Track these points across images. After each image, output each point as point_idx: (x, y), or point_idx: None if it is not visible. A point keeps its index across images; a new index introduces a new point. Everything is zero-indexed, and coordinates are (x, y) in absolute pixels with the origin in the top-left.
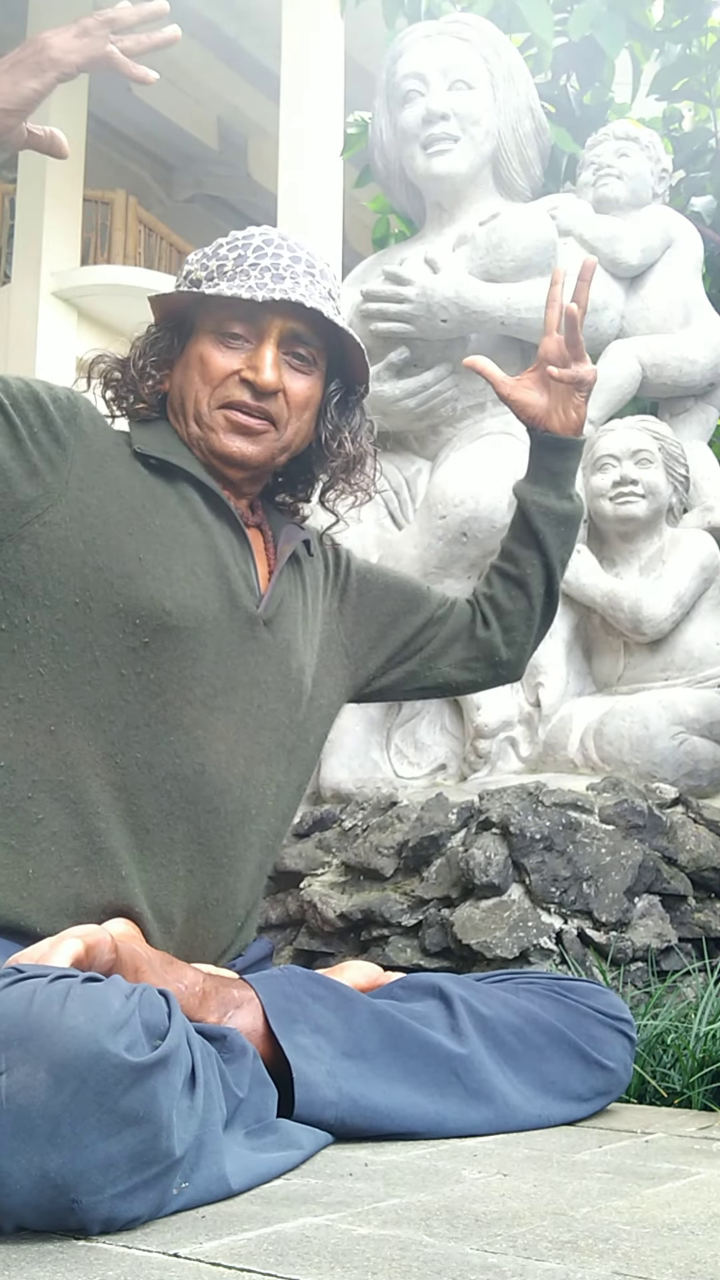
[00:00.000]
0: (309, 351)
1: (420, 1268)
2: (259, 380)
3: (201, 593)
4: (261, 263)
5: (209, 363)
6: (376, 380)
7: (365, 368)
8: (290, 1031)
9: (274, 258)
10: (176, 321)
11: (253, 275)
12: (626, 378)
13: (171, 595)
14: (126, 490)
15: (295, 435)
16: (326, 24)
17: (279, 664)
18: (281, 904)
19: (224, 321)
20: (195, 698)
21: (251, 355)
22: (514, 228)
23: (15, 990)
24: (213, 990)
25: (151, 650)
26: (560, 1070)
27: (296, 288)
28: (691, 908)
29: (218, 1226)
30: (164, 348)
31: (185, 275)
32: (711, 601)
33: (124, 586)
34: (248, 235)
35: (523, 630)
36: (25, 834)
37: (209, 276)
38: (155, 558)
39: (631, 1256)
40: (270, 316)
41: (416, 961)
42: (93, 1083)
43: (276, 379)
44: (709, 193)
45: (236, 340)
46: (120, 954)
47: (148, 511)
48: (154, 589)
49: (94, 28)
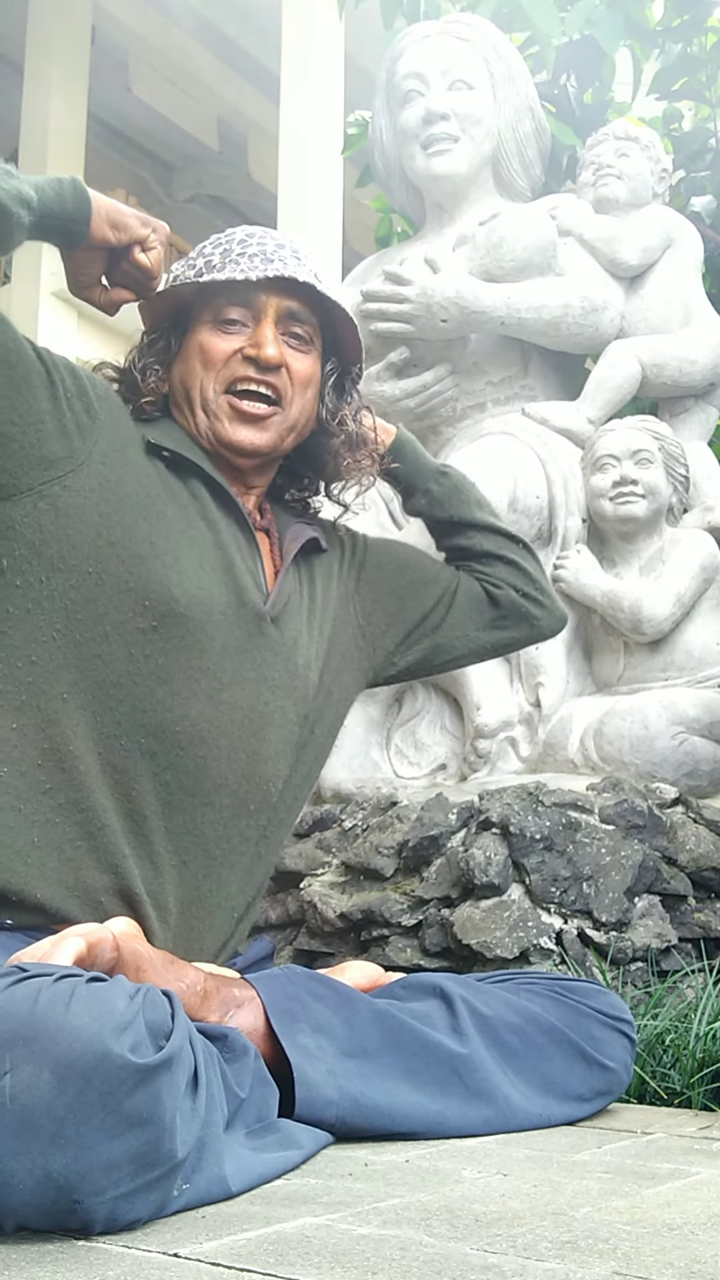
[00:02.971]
0: (305, 330)
1: (420, 1268)
2: (262, 355)
3: (208, 585)
4: (249, 250)
5: (209, 348)
6: (377, 380)
7: (359, 346)
8: (291, 1031)
9: (259, 244)
10: (171, 322)
11: (242, 262)
12: (626, 378)
13: (179, 583)
14: (144, 476)
15: (300, 414)
16: (326, 24)
17: (286, 660)
18: (281, 904)
19: (220, 309)
20: (201, 690)
21: (252, 334)
22: (514, 228)
23: (20, 990)
24: (214, 989)
25: (160, 635)
26: (561, 1070)
27: (286, 267)
28: (691, 908)
29: (218, 1226)
30: (161, 348)
31: (172, 279)
32: (711, 601)
33: (135, 566)
34: (229, 233)
35: (524, 579)
36: (33, 801)
37: (197, 274)
38: (165, 544)
39: (631, 1256)
40: (265, 296)
41: (416, 961)
42: (97, 1084)
43: (278, 353)
44: (709, 193)
45: (234, 325)
46: (122, 953)
47: (161, 499)
48: (163, 574)
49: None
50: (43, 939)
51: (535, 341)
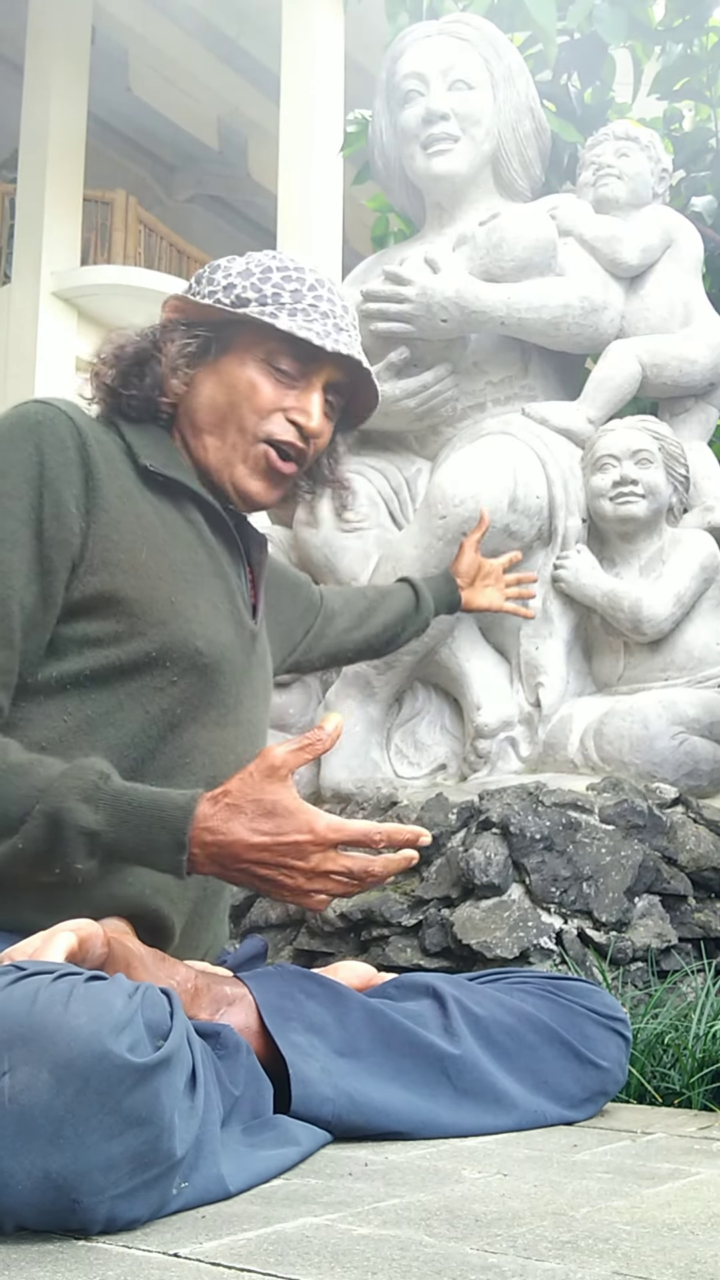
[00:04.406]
0: (337, 400)
1: (420, 1268)
2: (309, 426)
3: (221, 624)
4: (320, 306)
5: (259, 391)
6: (377, 380)
7: (369, 411)
8: (285, 1029)
9: (329, 303)
10: (214, 330)
11: (315, 318)
12: (626, 378)
13: (202, 634)
14: (148, 528)
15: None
16: (326, 24)
17: (265, 670)
18: (281, 904)
19: (276, 354)
20: (211, 719)
21: (300, 396)
22: (514, 228)
23: (18, 989)
24: (204, 987)
25: (179, 687)
26: (554, 1070)
27: (352, 343)
28: (691, 908)
29: (218, 1226)
30: (194, 353)
31: (225, 288)
32: (711, 601)
33: (157, 634)
34: (299, 269)
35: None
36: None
37: (262, 300)
38: (185, 598)
39: (631, 1256)
40: (325, 364)
41: (416, 961)
42: (96, 1083)
43: (323, 427)
44: (709, 193)
45: (284, 376)
46: (112, 949)
47: (170, 546)
48: (186, 630)
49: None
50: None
51: (535, 341)
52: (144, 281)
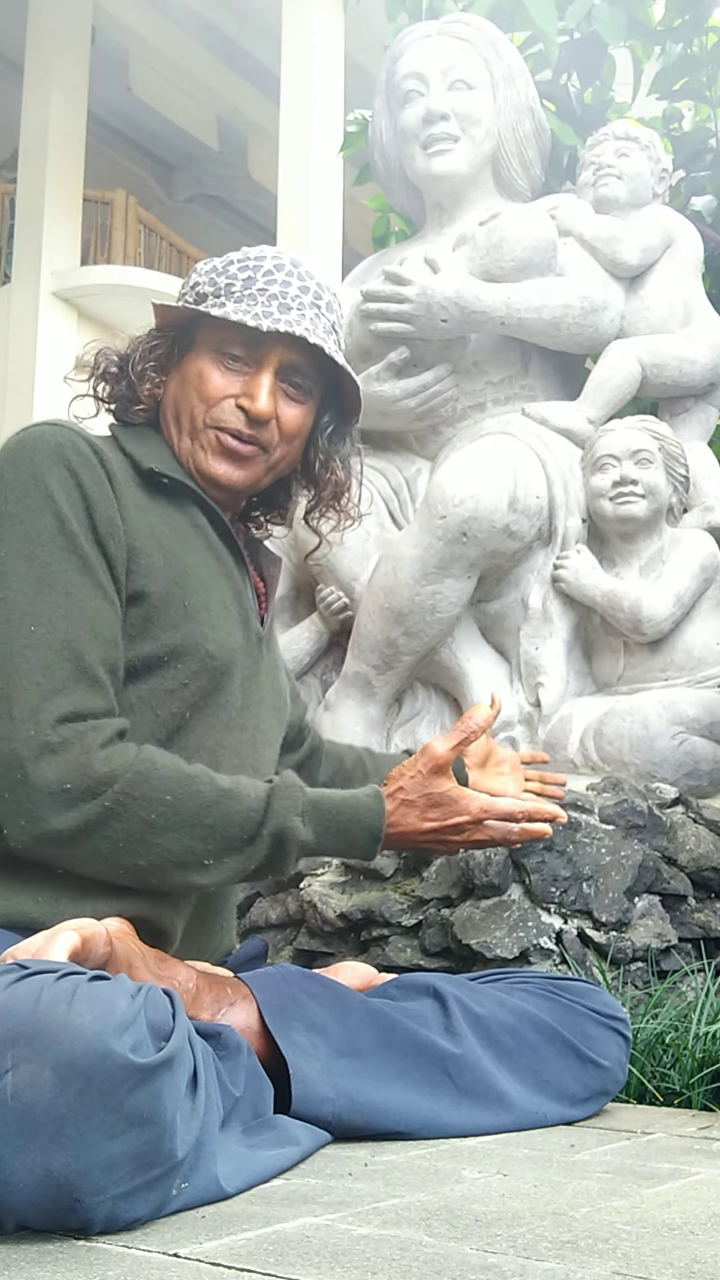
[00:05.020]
0: (305, 382)
1: (420, 1268)
2: (253, 409)
3: (231, 626)
4: (270, 289)
5: (207, 381)
6: (377, 380)
7: (359, 401)
8: (286, 1029)
9: (283, 285)
10: (178, 330)
11: (259, 301)
12: (626, 378)
13: (213, 636)
14: (161, 536)
15: (282, 460)
16: (326, 24)
17: (273, 680)
18: (281, 904)
19: (225, 342)
20: (219, 722)
21: (249, 381)
22: (514, 228)
23: (22, 988)
24: (206, 987)
25: (189, 690)
26: (555, 1069)
27: (301, 320)
28: (691, 908)
29: (218, 1226)
30: (162, 355)
31: (192, 286)
32: (711, 601)
33: (170, 638)
34: (260, 256)
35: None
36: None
37: (216, 293)
38: (198, 600)
39: (631, 1256)
40: (272, 345)
41: (416, 961)
42: (98, 1083)
43: (271, 408)
44: (709, 192)
45: (236, 362)
46: (115, 949)
47: (182, 552)
48: (198, 633)
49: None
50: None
51: (535, 341)
52: (144, 281)
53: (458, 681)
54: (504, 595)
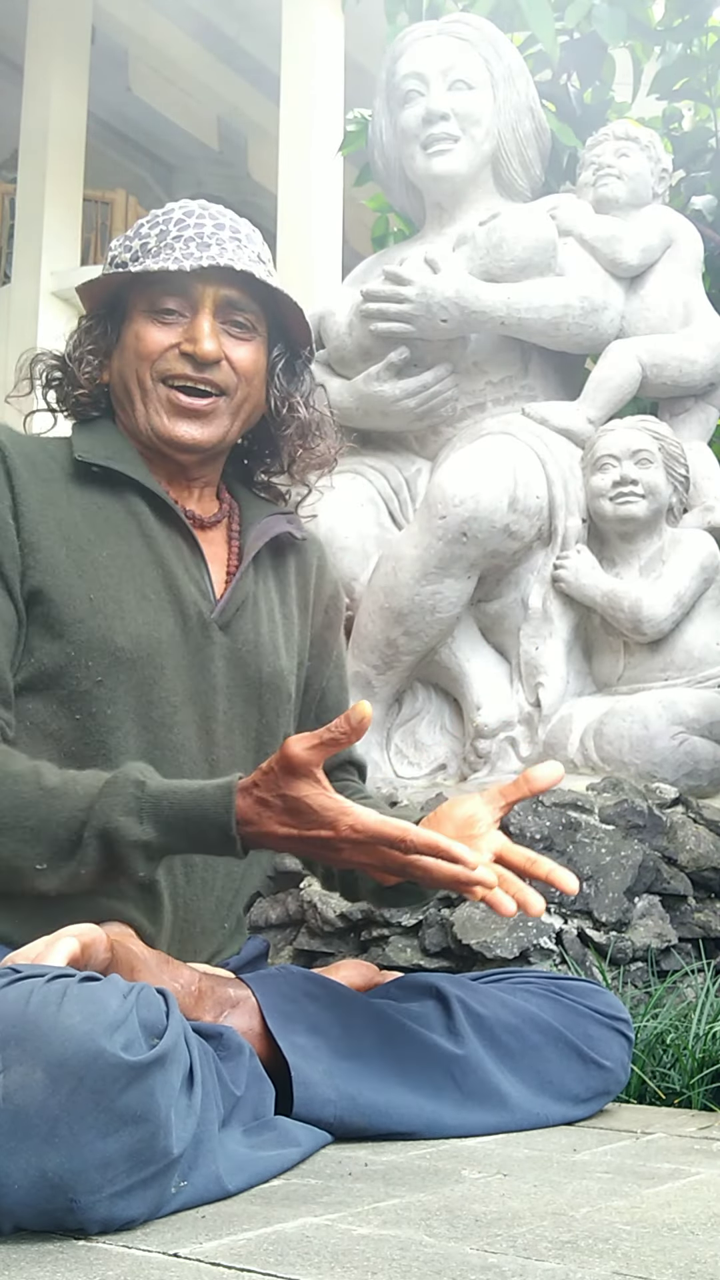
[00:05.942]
0: (246, 318)
1: (420, 1268)
2: (198, 350)
3: (154, 616)
4: (185, 234)
5: (145, 340)
6: (377, 380)
7: (306, 329)
8: (287, 1031)
9: (197, 227)
10: (108, 309)
11: (177, 247)
12: (626, 378)
13: (123, 629)
14: (70, 529)
15: (246, 403)
16: (326, 24)
17: (240, 667)
18: (281, 904)
19: (156, 299)
20: (154, 720)
21: (188, 327)
22: (514, 228)
23: (13, 990)
24: (208, 989)
25: (106, 687)
26: (558, 1070)
27: (224, 253)
28: (691, 908)
29: (217, 1226)
30: (98, 335)
31: (110, 260)
32: (711, 601)
33: (75, 633)
34: (167, 210)
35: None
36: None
37: (134, 257)
38: (105, 594)
39: (631, 1256)
40: (202, 286)
41: (416, 961)
42: (90, 1082)
43: (216, 348)
44: (709, 192)
45: (171, 315)
46: (116, 953)
47: (93, 545)
48: (105, 626)
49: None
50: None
51: (535, 341)
52: None
53: (458, 682)
54: (504, 595)
